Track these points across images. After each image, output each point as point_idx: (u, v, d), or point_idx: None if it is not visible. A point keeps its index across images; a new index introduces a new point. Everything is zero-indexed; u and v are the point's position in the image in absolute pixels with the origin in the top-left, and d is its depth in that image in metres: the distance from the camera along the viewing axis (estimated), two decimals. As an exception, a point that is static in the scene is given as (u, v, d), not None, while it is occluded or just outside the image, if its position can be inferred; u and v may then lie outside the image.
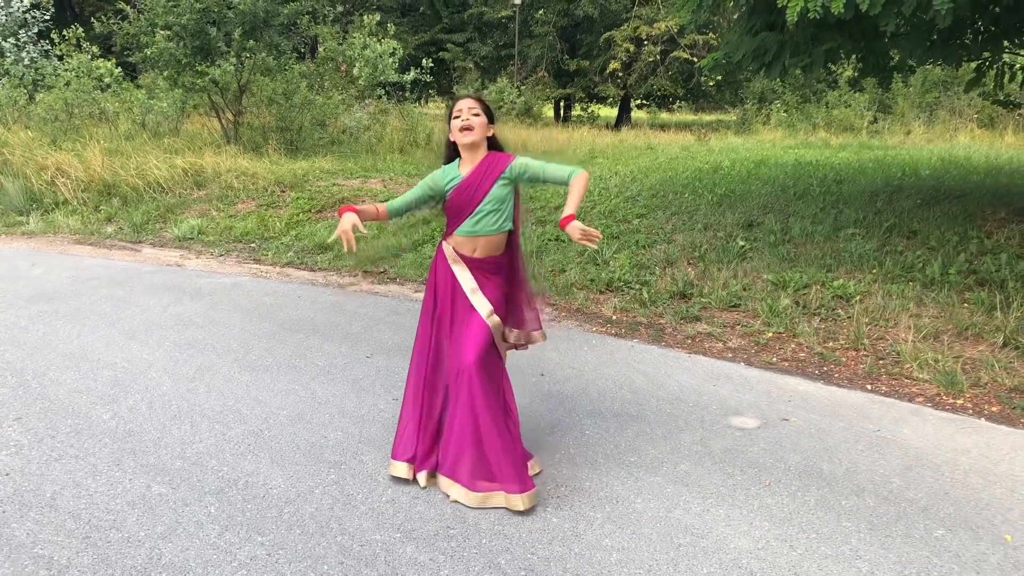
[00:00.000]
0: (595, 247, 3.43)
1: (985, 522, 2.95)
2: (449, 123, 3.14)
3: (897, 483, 3.24)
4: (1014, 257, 5.82)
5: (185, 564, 2.64)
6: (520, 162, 3.08)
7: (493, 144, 3.19)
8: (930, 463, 3.42)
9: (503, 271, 3.21)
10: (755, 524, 2.93)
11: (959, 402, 4.13)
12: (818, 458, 3.47)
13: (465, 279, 3.11)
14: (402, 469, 3.21)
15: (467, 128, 3.05)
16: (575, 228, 2.85)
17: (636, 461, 3.42)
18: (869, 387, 4.37)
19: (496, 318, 3.08)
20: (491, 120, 3.14)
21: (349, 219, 3.02)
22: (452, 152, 3.21)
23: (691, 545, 2.79)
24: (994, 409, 4.03)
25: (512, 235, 3.21)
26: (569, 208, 2.93)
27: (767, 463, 3.43)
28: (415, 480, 3.20)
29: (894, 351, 4.79)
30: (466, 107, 3.08)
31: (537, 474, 3.26)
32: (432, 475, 3.20)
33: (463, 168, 3.13)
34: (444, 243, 3.22)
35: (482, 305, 3.08)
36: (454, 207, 3.13)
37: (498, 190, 3.07)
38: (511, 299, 3.27)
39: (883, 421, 3.88)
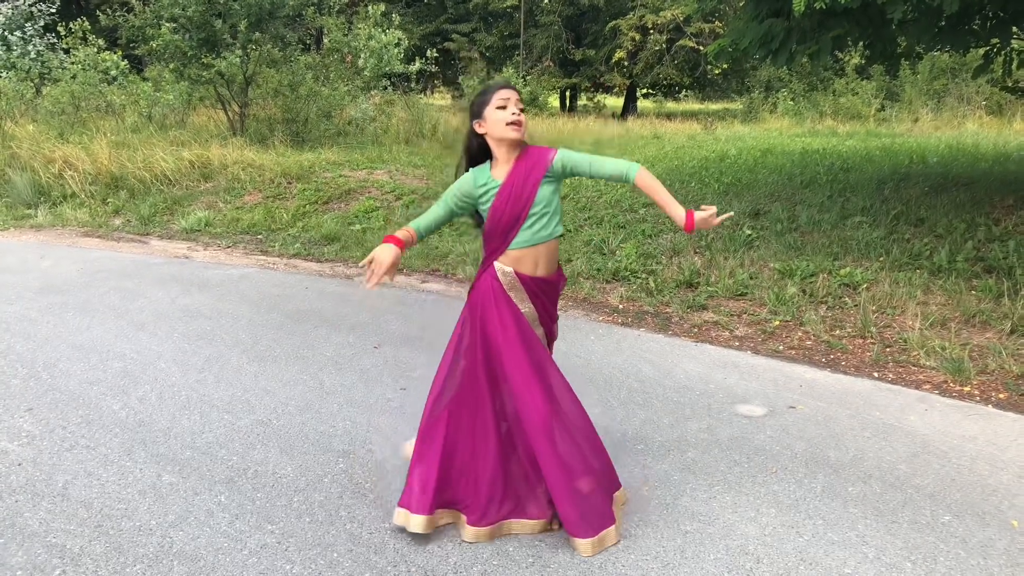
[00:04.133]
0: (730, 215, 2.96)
1: (992, 508, 2.95)
2: (478, 115, 2.69)
3: (904, 470, 3.25)
4: (1022, 244, 5.79)
5: (196, 552, 2.67)
6: (564, 155, 2.68)
7: None
8: (937, 450, 3.43)
9: (556, 289, 2.88)
10: (762, 511, 2.94)
11: (966, 389, 4.12)
12: (825, 445, 3.48)
13: (533, 314, 2.76)
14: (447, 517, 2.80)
15: (518, 123, 2.62)
16: (704, 219, 2.65)
17: (643, 449, 3.44)
18: (876, 375, 4.37)
19: (541, 331, 2.82)
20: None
21: (388, 254, 2.65)
22: (480, 152, 2.76)
23: (698, 532, 2.80)
24: (1001, 396, 4.03)
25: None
26: (675, 207, 2.69)
27: (774, 450, 3.44)
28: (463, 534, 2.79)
29: (901, 339, 4.78)
30: (514, 98, 2.64)
31: None
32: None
33: (496, 171, 2.70)
34: (496, 264, 2.73)
35: (544, 339, 2.80)
36: (499, 219, 2.67)
37: (545, 189, 2.67)
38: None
39: (890, 408, 3.88)
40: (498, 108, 2.63)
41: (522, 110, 2.66)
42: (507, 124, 2.62)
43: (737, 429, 3.65)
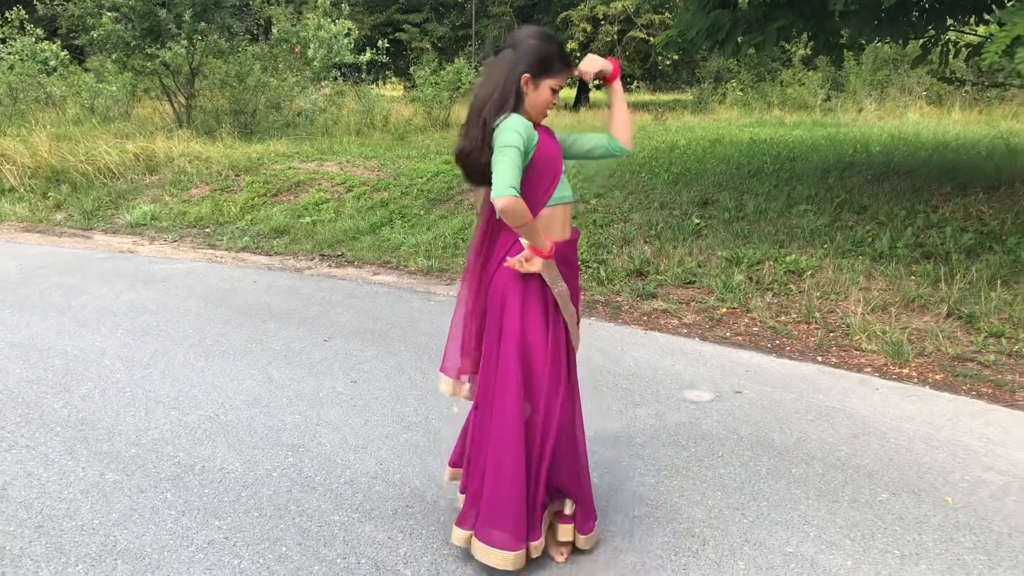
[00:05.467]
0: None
1: (927, 485, 3.05)
2: (537, 74, 2.28)
3: (845, 450, 3.34)
4: (958, 230, 5.97)
5: (141, 550, 2.63)
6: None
7: None
8: (876, 430, 3.53)
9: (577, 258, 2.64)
10: (708, 494, 3.00)
11: (905, 371, 4.25)
12: (769, 429, 3.56)
13: (561, 289, 2.43)
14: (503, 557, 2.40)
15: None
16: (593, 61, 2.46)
17: (592, 437, 3.45)
18: (819, 359, 4.47)
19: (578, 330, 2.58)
20: None
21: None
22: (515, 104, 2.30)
23: (646, 516, 2.85)
24: (938, 377, 4.16)
25: None
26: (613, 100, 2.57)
27: (720, 435, 3.50)
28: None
29: (844, 324, 4.90)
30: (559, 86, 2.34)
31: None
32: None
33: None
34: (522, 242, 2.33)
35: (571, 317, 2.50)
36: (545, 168, 2.36)
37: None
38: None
39: (832, 391, 3.98)
40: (552, 90, 2.32)
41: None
42: (546, 109, 2.36)
43: (685, 414, 3.71)
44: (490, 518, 2.40)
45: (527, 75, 2.26)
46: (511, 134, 2.19)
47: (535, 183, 2.34)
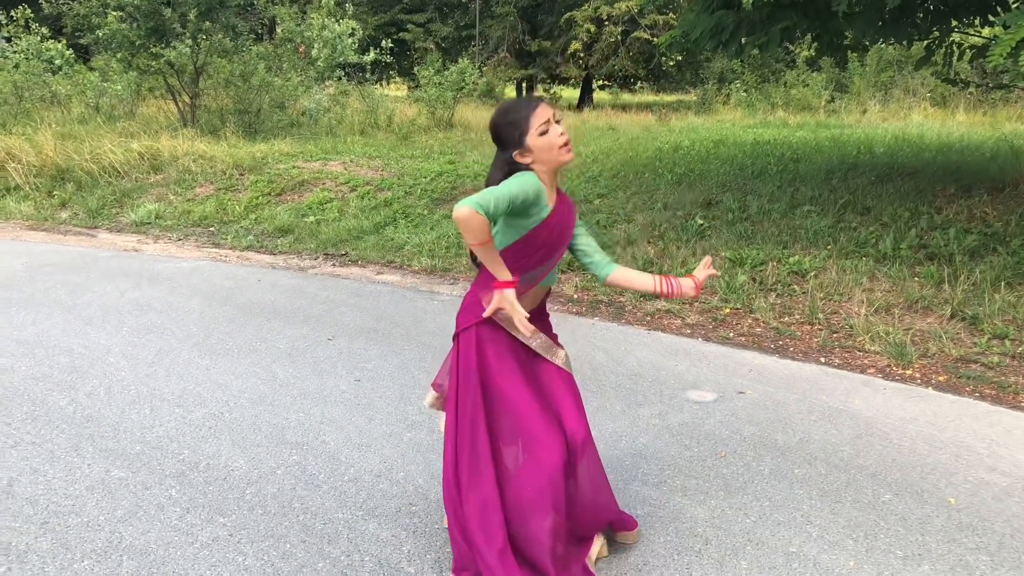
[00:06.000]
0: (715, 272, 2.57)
1: (930, 486, 3.05)
2: (519, 144, 2.23)
3: (847, 451, 3.34)
4: (961, 232, 5.97)
5: (146, 546, 2.64)
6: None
7: None
8: (879, 431, 3.53)
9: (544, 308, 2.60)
10: (711, 494, 3.01)
11: (908, 372, 4.25)
12: (772, 429, 3.56)
13: (541, 341, 2.45)
14: None
15: (568, 143, 2.26)
16: (698, 281, 2.44)
17: (596, 436, 3.45)
18: (823, 360, 4.48)
19: (562, 352, 2.52)
20: None
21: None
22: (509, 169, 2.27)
23: (648, 515, 2.85)
24: (941, 378, 4.16)
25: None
26: (655, 283, 2.46)
27: (723, 435, 3.51)
28: None
29: (847, 325, 4.90)
30: (546, 118, 2.21)
31: None
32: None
33: (548, 199, 2.30)
34: (495, 292, 2.21)
35: (548, 351, 2.47)
36: (539, 245, 2.31)
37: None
38: None
39: (835, 392, 3.98)
40: (541, 133, 2.20)
41: (559, 120, 2.27)
42: (560, 147, 2.23)
43: (688, 414, 3.72)
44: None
45: (512, 152, 2.25)
46: (517, 179, 2.16)
47: (531, 248, 2.30)
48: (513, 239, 2.28)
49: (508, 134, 2.24)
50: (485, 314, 2.26)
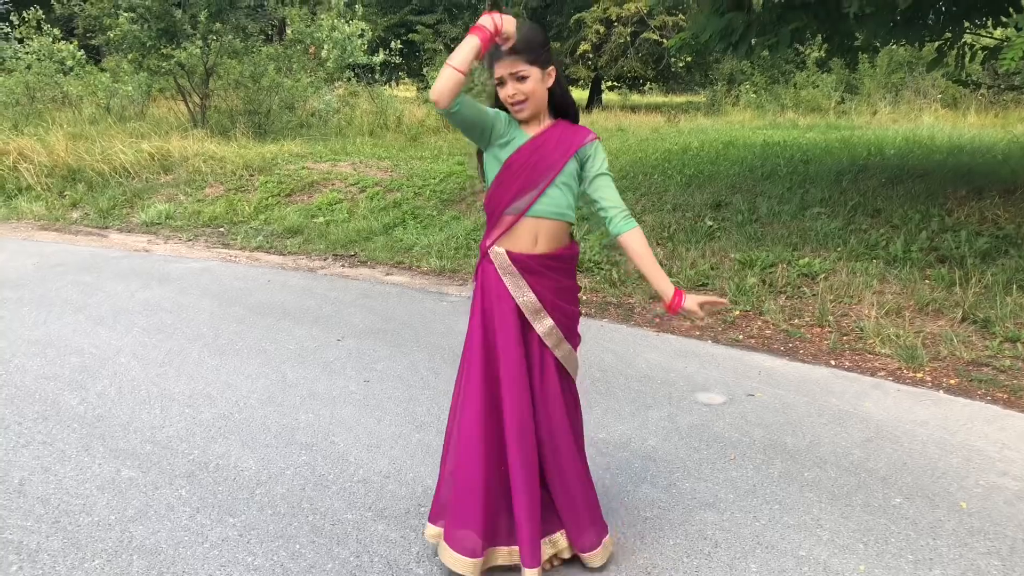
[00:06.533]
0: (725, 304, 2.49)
1: (941, 490, 3.04)
2: (494, 79, 2.30)
3: (858, 454, 3.33)
4: (973, 234, 5.94)
5: (156, 546, 2.65)
6: (597, 146, 2.36)
7: (558, 96, 2.33)
8: (890, 435, 3.51)
9: (573, 273, 2.47)
10: (720, 497, 3.00)
11: (919, 375, 4.23)
12: (782, 432, 3.55)
13: (527, 299, 2.33)
14: (458, 561, 2.38)
15: (518, 103, 2.24)
16: (695, 303, 2.31)
17: (605, 438, 3.48)
18: (833, 362, 4.46)
19: (567, 346, 2.41)
20: (546, 64, 2.24)
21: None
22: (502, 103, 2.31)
23: (657, 518, 2.85)
24: (952, 382, 4.14)
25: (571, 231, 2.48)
26: (665, 283, 2.35)
27: (732, 437, 3.50)
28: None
29: (857, 327, 4.88)
30: (507, 73, 2.21)
31: None
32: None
33: (527, 129, 2.32)
34: (492, 248, 2.35)
35: (549, 336, 2.36)
36: (516, 172, 2.28)
37: (572, 165, 2.32)
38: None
39: (846, 395, 3.97)
40: (497, 85, 2.25)
41: (523, 77, 2.21)
42: (510, 106, 2.26)
43: (697, 417, 3.71)
44: (453, 519, 2.41)
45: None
46: (491, 111, 2.27)
47: (500, 186, 2.31)
48: (495, 170, 2.32)
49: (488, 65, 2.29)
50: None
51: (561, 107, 2.36)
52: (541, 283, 2.34)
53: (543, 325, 2.35)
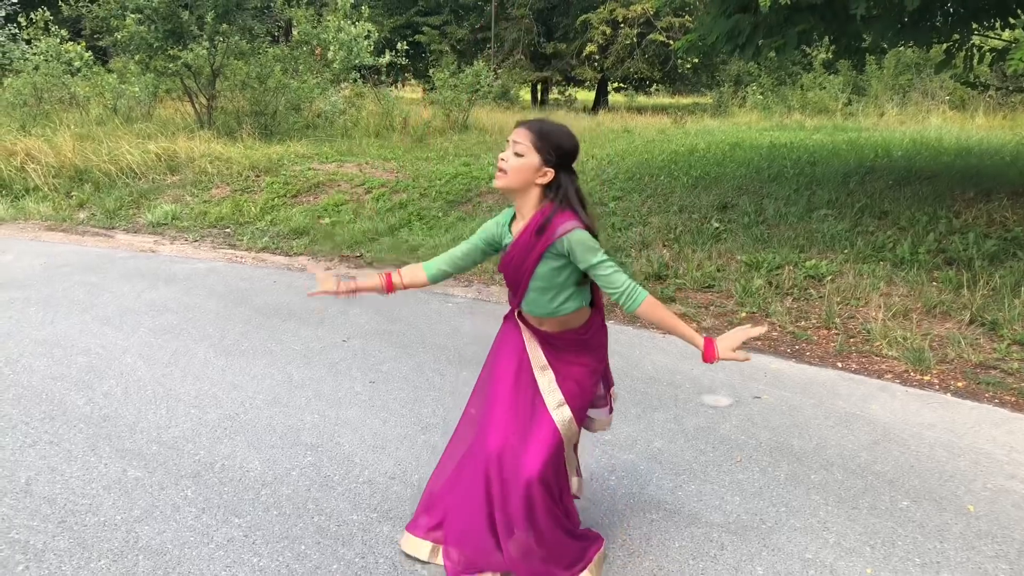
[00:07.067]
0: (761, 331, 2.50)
1: (949, 493, 3.02)
2: None
3: (865, 457, 3.32)
4: (981, 236, 5.92)
5: (162, 546, 2.65)
6: (573, 240, 2.21)
7: (562, 193, 2.26)
8: (897, 437, 3.50)
9: (586, 347, 2.47)
10: (726, 499, 2.99)
11: (926, 378, 4.21)
12: (788, 434, 3.54)
13: (535, 355, 2.41)
14: (415, 546, 2.60)
15: (499, 170, 2.25)
16: (729, 351, 2.36)
17: (611, 440, 3.47)
18: (840, 365, 4.44)
19: (567, 413, 2.37)
20: (550, 160, 2.21)
21: (328, 278, 2.45)
22: None
23: (663, 520, 2.84)
24: (960, 384, 4.12)
25: (594, 308, 2.48)
26: (692, 336, 2.38)
27: (739, 440, 3.49)
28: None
29: (864, 329, 4.86)
30: (511, 139, 2.24)
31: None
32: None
33: (515, 225, 2.35)
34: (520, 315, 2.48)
35: (551, 394, 2.38)
36: (506, 277, 2.42)
37: (545, 267, 2.28)
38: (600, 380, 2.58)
39: (852, 398, 3.95)
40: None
41: (519, 153, 2.21)
42: (497, 170, 2.28)
43: (703, 419, 3.70)
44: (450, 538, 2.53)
45: None
46: (481, 229, 2.47)
47: (504, 274, 2.43)
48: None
49: None
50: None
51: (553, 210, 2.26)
52: (548, 349, 2.43)
53: (547, 381, 2.40)
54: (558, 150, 2.21)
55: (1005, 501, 2.97)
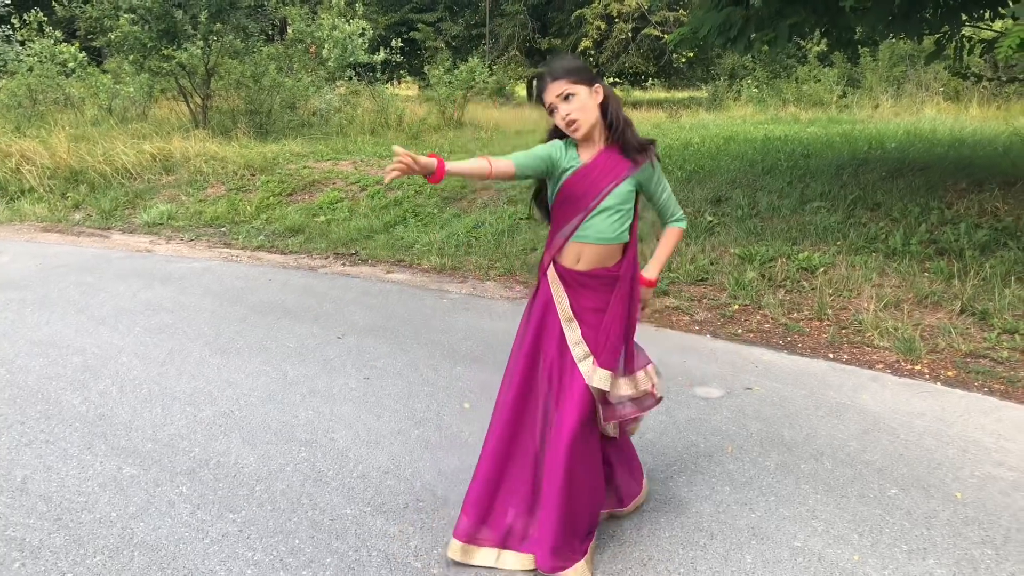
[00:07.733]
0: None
1: (937, 481, 3.05)
2: (546, 109, 2.40)
3: (854, 446, 3.35)
4: (972, 227, 5.94)
5: (157, 542, 2.68)
6: (648, 170, 2.46)
7: (612, 114, 2.40)
8: (887, 426, 3.53)
9: (615, 287, 2.49)
10: (716, 488, 3.02)
11: (917, 368, 4.24)
12: (779, 425, 3.57)
13: (562, 306, 2.47)
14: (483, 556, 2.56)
15: (572, 123, 2.32)
16: (649, 292, 2.65)
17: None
18: (831, 356, 4.47)
19: (594, 364, 2.42)
20: (590, 79, 2.35)
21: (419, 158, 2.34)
22: (557, 133, 2.45)
23: (654, 510, 2.87)
24: (950, 374, 4.15)
25: (628, 247, 2.52)
26: (654, 269, 2.63)
27: (730, 431, 3.52)
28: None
29: (856, 320, 4.89)
30: (555, 95, 2.32)
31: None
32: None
33: (583, 152, 2.41)
34: (548, 267, 2.52)
35: (577, 345, 2.44)
36: (567, 199, 2.41)
37: (625, 187, 2.41)
38: (628, 326, 2.55)
39: (843, 388, 3.98)
40: (549, 111, 2.37)
41: (568, 96, 2.31)
42: (566, 126, 2.34)
43: (695, 411, 3.73)
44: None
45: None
46: (542, 146, 2.40)
47: (559, 210, 2.46)
48: (555, 193, 2.44)
49: (538, 92, 2.46)
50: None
51: (615, 127, 2.40)
52: (577, 296, 2.47)
53: (573, 333, 2.46)
54: (584, 69, 2.35)
55: (992, 488, 3.00)
